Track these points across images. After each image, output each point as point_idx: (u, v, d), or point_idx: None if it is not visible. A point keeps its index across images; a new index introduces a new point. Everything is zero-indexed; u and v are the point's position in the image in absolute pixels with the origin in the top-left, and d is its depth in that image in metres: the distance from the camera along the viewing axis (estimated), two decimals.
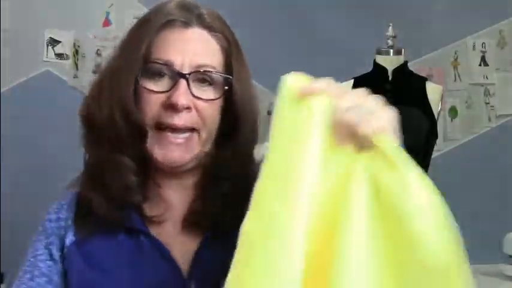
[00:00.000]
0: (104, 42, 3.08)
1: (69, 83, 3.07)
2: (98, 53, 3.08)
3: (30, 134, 2.98)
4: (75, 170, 1.03)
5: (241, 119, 1.02)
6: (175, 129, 0.97)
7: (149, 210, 1.00)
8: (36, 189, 2.86)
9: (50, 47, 3.07)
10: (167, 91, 0.97)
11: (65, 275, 0.99)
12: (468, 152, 3.40)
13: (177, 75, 0.97)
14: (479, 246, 3.19)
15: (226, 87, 1.00)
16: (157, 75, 0.98)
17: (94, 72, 3.06)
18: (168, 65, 0.97)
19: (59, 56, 3.08)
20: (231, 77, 1.00)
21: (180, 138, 0.98)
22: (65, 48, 3.08)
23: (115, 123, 0.98)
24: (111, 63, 1.03)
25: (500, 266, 2.96)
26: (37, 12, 3.04)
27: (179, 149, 0.98)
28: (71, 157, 1.03)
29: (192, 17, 1.00)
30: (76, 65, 3.09)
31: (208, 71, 0.99)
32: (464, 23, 3.40)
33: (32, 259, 1.01)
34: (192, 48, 0.99)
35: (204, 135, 0.99)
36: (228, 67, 1.01)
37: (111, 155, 0.99)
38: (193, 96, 0.97)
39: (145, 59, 0.98)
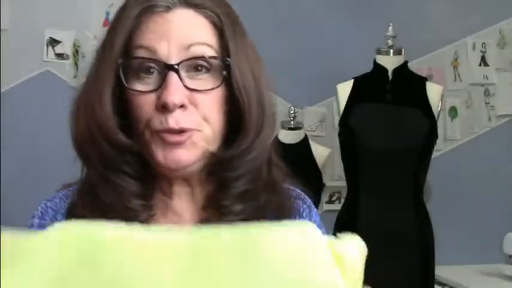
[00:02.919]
0: None
1: (70, 83, 3.06)
2: None
3: (30, 134, 2.98)
4: (75, 170, 1.01)
5: (246, 107, 0.86)
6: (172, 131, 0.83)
7: (156, 224, 0.87)
8: (36, 190, 2.86)
9: (50, 47, 3.07)
10: (157, 89, 0.83)
11: None
12: (468, 152, 3.40)
13: (164, 68, 0.82)
14: (479, 246, 3.20)
15: (224, 72, 0.85)
16: (143, 71, 0.84)
17: None
18: (153, 58, 0.83)
19: (59, 56, 3.08)
20: (228, 59, 0.85)
21: (182, 137, 0.83)
22: (65, 48, 3.07)
23: (97, 144, 0.84)
24: (89, 71, 0.88)
25: (500, 266, 2.97)
26: (37, 12, 3.04)
27: (182, 149, 0.84)
28: (70, 157, 1.01)
29: None
30: (76, 65, 3.09)
31: (202, 57, 0.84)
32: (464, 23, 3.40)
33: None
34: (177, 30, 0.83)
35: (207, 132, 0.85)
36: (224, 48, 0.86)
37: (106, 175, 0.84)
38: (188, 89, 0.83)
39: (125, 55, 0.84)
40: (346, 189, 2.63)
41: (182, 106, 0.82)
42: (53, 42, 3.07)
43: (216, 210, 0.87)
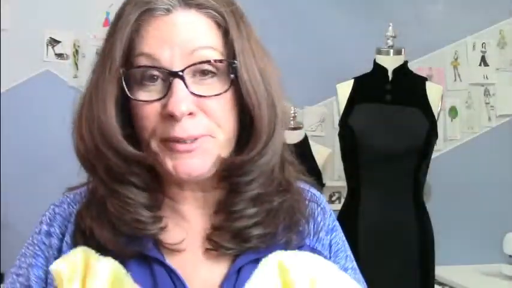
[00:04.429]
0: None
1: (69, 83, 3.07)
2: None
3: (30, 134, 2.98)
4: (75, 170, 1.00)
5: (256, 110, 0.81)
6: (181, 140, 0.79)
7: (166, 236, 0.83)
8: (36, 189, 2.86)
9: (50, 47, 3.07)
10: (162, 98, 0.79)
11: None
12: (468, 152, 3.40)
13: (169, 76, 0.78)
14: (479, 246, 3.20)
15: (232, 76, 0.80)
16: (146, 79, 0.80)
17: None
18: (156, 66, 0.78)
19: (59, 56, 3.08)
20: (235, 62, 0.80)
21: (192, 145, 0.80)
22: (65, 48, 3.08)
23: (103, 156, 0.80)
24: (89, 80, 0.85)
25: (500, 266, 2.97)
26: (37, 12, 3.04)
27: (194, 158, 0.80)
28: (71, 157, 1.01)
29: None
30: (76, 65, 3.09)
31: (207, 61, 0.79)
32: (464, 23, 3.40)
33: (14, 276, 0.86)
34: (179, 35, 0.79)
35: (220, 137, 0.81)
36: (230, 49, 0.81)
37: (113, 187, 0.81)
38: (194, 95, 0.78)
39: (126, 63, 0.80)
40: (346, 189, 2.63)
41: (190, 114, 0.78)
42: (53, 42, 3.07)
43: (227, 215, 0.83)
